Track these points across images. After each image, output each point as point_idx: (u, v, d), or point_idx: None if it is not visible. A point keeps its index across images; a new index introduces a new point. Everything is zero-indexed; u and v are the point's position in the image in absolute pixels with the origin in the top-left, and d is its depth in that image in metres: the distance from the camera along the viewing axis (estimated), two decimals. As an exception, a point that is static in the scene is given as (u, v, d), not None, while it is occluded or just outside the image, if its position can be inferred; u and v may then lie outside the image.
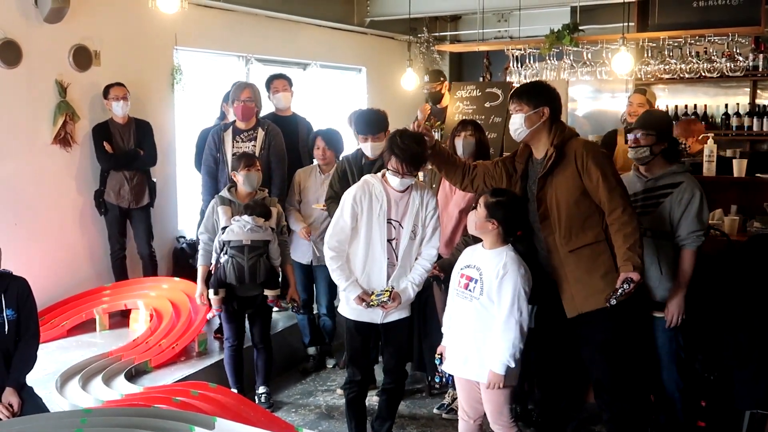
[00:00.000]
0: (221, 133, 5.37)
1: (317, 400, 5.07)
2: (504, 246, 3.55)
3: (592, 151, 3.58)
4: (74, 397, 4.21)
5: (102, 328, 5.61)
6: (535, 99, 3.59)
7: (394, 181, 3.76)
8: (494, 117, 6.04)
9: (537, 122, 3.58)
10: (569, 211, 3.55)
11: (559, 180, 3.57)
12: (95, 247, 6.16)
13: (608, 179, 3.50)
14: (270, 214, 4.55)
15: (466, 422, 3.70)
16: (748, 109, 8.28)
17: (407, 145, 3.69)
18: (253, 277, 4.39)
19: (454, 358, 3.62)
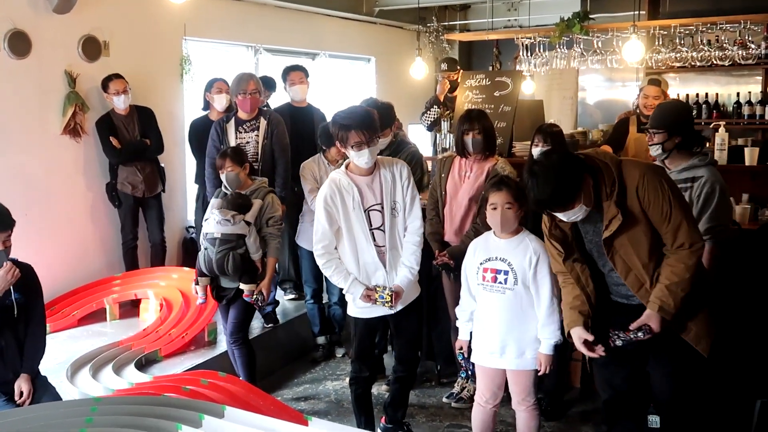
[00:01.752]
0: (224, 124, 5.35)
1: (327, 389, 5.07)
2: (522, 231, 3.56)
3: (652, 178, 2.98)
4: (85, 386, 4.23)
5: (112, 318, 5.63)
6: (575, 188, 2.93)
7: (362, 158, 3.67)
8: (503, 106, 6.00)
9: (591, 193, 2.98)
10: (653, 255, 3.03)
11: (631, 232, 3.01)
12: (106, 237, 6.18)
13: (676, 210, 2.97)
14: (248, 208, 4.42)
15: (483, 407, 3.71)
16: (760, 97, 8.22)
17: (352, 111, 3.69)
18: (221, 270, 4.34)
19: (486, 350, 3.63)
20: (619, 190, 2.96)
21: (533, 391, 3.64)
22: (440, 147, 6.13)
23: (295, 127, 5.66)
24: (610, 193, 2.96)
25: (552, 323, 3.49)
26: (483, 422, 3.72)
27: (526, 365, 3.56)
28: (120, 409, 3.44)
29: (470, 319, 3.71)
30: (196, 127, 6.05)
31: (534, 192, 2.94)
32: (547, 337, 3.50)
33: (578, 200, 2.93)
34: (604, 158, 3.04)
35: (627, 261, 3.03)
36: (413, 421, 4.49)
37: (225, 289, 4.52)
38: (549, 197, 2.92)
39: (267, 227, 4.52)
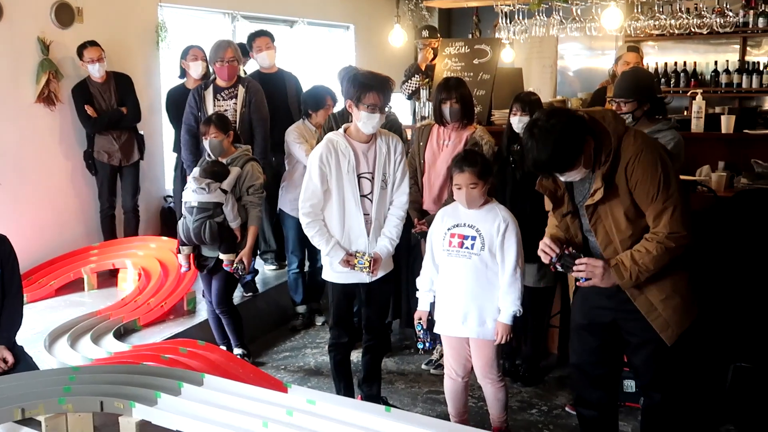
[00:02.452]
0: (202, 92, 5.31)
1: (306, 357, 5.10)
2: (490, 202, 3.58)
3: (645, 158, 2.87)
4: (63, 356, 4.22)
5: (90, 288, 5.61)
6: (576, 151, 2.83)
7: (371, 121, 3.64)
8: (483, 74, 5.98)
9: (591, 156, 2.88)
10: (635, 235, 2.95)
11: (613, 206, 2.94)
12: (83, 207, 6.13)
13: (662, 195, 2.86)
14: (225, 176, 4.40)
15: (454, 380, 3.73)
16: (738, 66, 8.27)
17: (374, 75, 3.66)
18: (198, 238, 4.34)
19: (448, 319, 3.64)
20: (612, 163, 2.87)
21: (497, 364, 3.65)
22: (419, 115, 6.11)
23: (266, 95, 5.60)
24: (603, 163, 2.88)
25: (513, 292, 3.51)
26: (455, 394, 3.75)
27: (487, 335, 3.57)
28: (98, 378, 3.45)
29: (431, 289, 3.71)
30: (173, 95, 5.99)
31: (532, 154, 2.83)
32: (507, 306, 3.51)
33: (578, 164, 2.85)
34: (609, 125, 2.91)
35: (608, 232, 2.98)
36: (392, 387, 4.53)
37: (206, 258, 4.52)
38: (547, 160, 2.82)
39: (247, 195, 4.51)
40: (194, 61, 5.82)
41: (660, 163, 2.87)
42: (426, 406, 4.32)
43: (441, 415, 4.02)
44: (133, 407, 3.14)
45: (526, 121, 4.35)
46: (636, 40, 8.17)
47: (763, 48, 8.51)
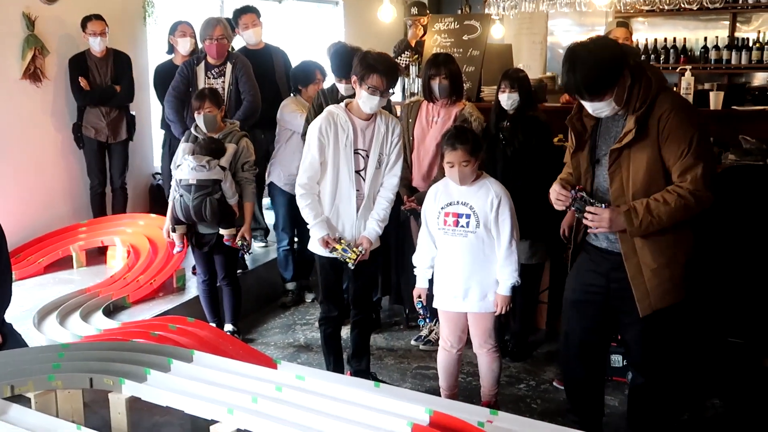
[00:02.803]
0: (194, 66, 5.29)
1: (296, 333, 5.12)
2: (482, 176, 3.58)
3: (680, 114, 2.86)
4: (52, 333, 4.22)
5: (79, 265, 5.59)
6: (612, 76, 2.82)
7: (371, 102, 3.63)
8: (472, 50, 5.96)
9: (624, 93, 2.87)
10: (648, 191, 2.91)
11: (637, 154, 2.91)
12: (72, 184, 6.09)
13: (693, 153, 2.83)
14: (222, 153, 4.41)
15: (449, 352, 3.76)
16: (727, 42, 8.26)
17: (384, 58, 3.63)
18: (199, 216, 4.34)
19: (449, 295, 3.66)
20: (645, 110, 2.86)
21: (494, 334, 3.70)
22: (408, 92, 6.09)
23: (254, 71, 5.58)
24: (638, 108, 2.87)
25: (510, 264, 3.54)
26: (449, 366, 3.78)
27: (488, 308, 3.62)
28: (88, 355, 3.45)
29: (430, 266, 3.73)
30: (161, 71, 5.95)
31: (569, 72, 2.82)
32: (505, 278, 3.55)
33: (610, 93, 2.83)
34: (654, 75, 2.92)
35: (624, 183, 2.95)
36: (381, 363, 4.55)
37: (204, 236, 4.53)
38: (583, 79, 2.80)
39: (242, 172, 4.52)
40: (182, 38, 5.77)
41: (695, 121, 2.88)
42: (415, 381, 4.35)
43: (430, 391, 4.05)
44: (122, 384, 3.16)
45: (514, 98, 4.36)
46: (626, 16, 8.16)
47: (752, 24, 8.51)
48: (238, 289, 4.79)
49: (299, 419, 2.87)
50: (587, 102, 2.89)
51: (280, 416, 2.91)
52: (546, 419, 3.66)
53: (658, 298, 3.00)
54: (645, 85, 2.87)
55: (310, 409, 2.94)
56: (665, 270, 2.98)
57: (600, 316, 3.19)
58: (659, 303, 3.01)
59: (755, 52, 8.04)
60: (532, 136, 4.37)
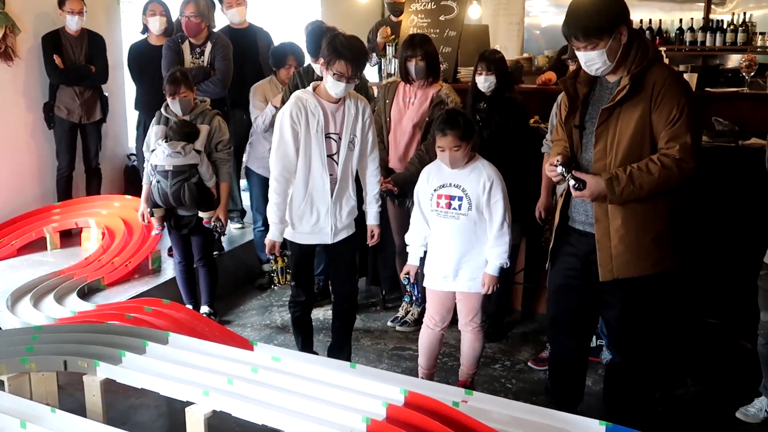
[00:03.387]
0: (179, 45, 5.28)
1: (273, 315, 5.12)
2: (474, 158, 3.59)
3: (674, 84, 2.89)
4: (25, 316, 4.18)
5: (53, 247, 5.54)
6: (608, 24, 2.83)
7: (336, 88, 3.57)
8: (449, 31, 5.94)
9: (618, 49, 2.88)
10: (630, 156, 2.92)
11: (626, 115, 2.92)
12: (44, 165, 6.00)
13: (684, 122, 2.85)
14: (196, 136, 4.38)
15: (432, 330, 3.77)
16: (702, 24, 8.30)
17: (352, 44, 3.55)
18: (178, 201, 4.33)
19: (438, 274, 3.67)
20: (641, 72, 2.87)
21: (480, 313, 3.72)
22: (385, 72, 6.07)
23: (237, 51, 5.55)
24: (632, 71, 2.88)
25: (501, 245, 3.55)
26: (430, 344, 3.79)
27: (477, 288, 3.64)
28: (62, 337, 3.44)
29: (422, 245, 3.73)
30: (135, 51, 5.88)
31: (569, 14, 2.87)
32: (494, 258, 3.57)
33: (604, 41, 2.82)
34: (651, 44, 2.93)
35: (608, 144, 2.95)
36: (358, 344, 4.57)
37: (183, 218, 4.51)
38: (579, 20, 2.83)
39: (216, 152, 4.50)
40: (153, 17, 5.69)
41: (688, 93, 2.91)
42: (391, 362, 4.37)
43: (406, 371, 4.08)
44: (97, 366, 3.15)
45: (491, 80, 4.37)
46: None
47: (727, 6, 8.56)
48: (214, 271, 4.78)
49: (275, 400, 2.89)
50: (582, 51, 2.88)
51: (255, 397, 2.92)
52: (521, 399, 3.71)
53: (621, 267, 3.02)
54: (642, 49, 2.90)
55: (286, 390, 2.96)
56: (633, 239, 2.99)
57: (582, 298, 3.23)
58: (621, 271, 3.02)
59: (729, 34, 8.09)
60: (509, 118, 4.38)
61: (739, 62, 5.21)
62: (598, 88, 3.05)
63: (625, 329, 3.20)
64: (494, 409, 2.97)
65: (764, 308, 3.47)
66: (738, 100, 4.94)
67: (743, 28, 8.02)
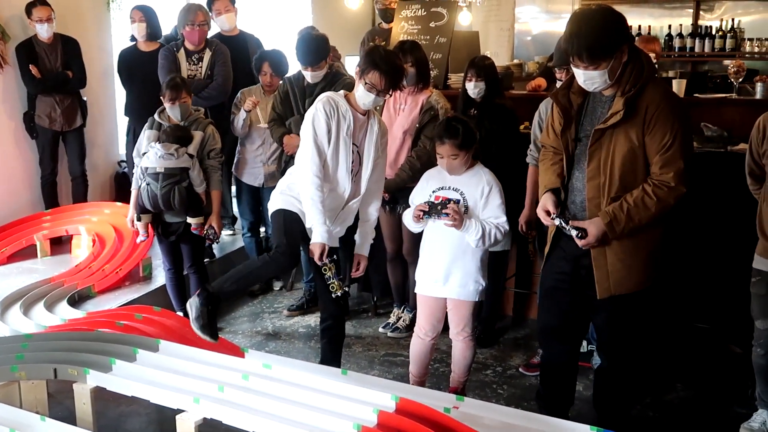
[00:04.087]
0: (175, 53, 5.29)
1: (264, 322, 5.11)
2: (475, 165, 3.60)
3: (668, 107, 2.86)
4: (15, 323, 4.15)
5: (43, 255, 5.52)
6: (613, 45, 2.79)
7: (366, 99, 3.45)
8: (439, 37, 5.96)
9: (618, 68, 2.85)
10: (624, 177, 2.92)
11: (619, 137, 2.90)
12: (33, 173, 5.97)
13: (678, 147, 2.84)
14: (189, 141, 4.39)
15: (423, 340, 3.75)
16: (691, 30, 8.36)
17: (391, 59, 3.47)
18: (167, 204, 4.31)
19: (429, 279, 3.65)
20: (635, 94, 2.85)
21: (471, 322, 3.71)
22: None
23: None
24: (627, 91, 2.85)
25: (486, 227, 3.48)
26: (421, 354, 3.77)
27: (468, 296, 3.62)
28: (52, 345, 3.43)
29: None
30: (124, 57, 5.88)
31: (573, 34, 2.81)
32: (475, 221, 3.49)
33: (607, 60, 2.80)
34: (647, 62, 2.90)
35: (602, 164, 2.94)
36: (350, 351, 4.56)
37: (171, 225, 4.50)
38: (584, 40, 2.77)
39: (209, 159, 4.51)
40: (133, 23, 5.70)
41: (682, 116, 2.89)
42: (383, 368, 4.37)
43: (398, 378, 4.08)
44: (87, 374, 3.14)
45: (480, 86, 4.38)
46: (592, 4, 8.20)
47: (715, 12, 8.62)
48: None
49: (266, 407, 2.88)
50: (582, 70, 2.85)
51: (246, 405, 2.92)
52: (512, 405, 3.71)
53: (618, 283, 3.04)
54: (638, 68, 2.87)
55: (277, 397, 2.96)
56: (629, 256, 3.02)
57: (572, 302, 3.24)
58: (618, 288, 3.05)
59: (718, 40, 8.15)
60: (499, 124, 4.40)
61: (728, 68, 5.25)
62: (591, 98, 3.04)
63: (614, 334, 3.22)
64: (486, 415, 2.97)
65: (759, 316, 3.45)
66: (726, 106, 4.97)
67: (732, 34, 8.09)
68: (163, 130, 4.41)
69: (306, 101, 4.67)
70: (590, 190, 2.99)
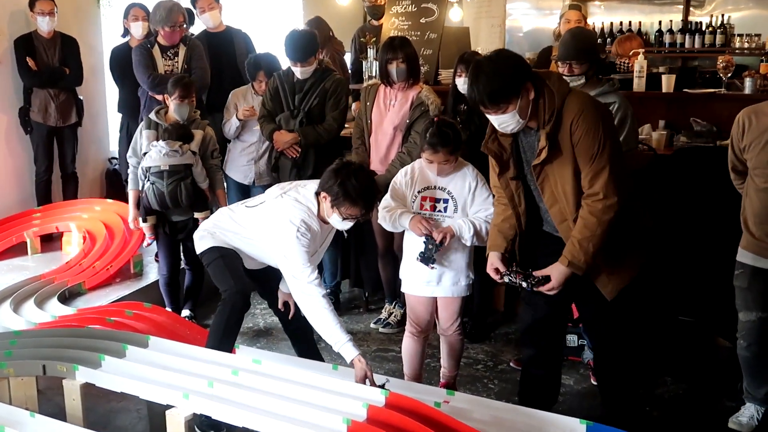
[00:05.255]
0: (149, 49, 5.25)
1: (255, 318, 5.11)
2: (464, 165, 3.59)
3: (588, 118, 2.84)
4: (5, 320, 4.14)
5: (34, 252, 5.51)
6: (513, 86, 2.80)
7: (344, 225, 3.42)
8: (429, 33, 5.97)
9: (528, 105, 2.85)
10: (578, 198, 2.93)
11: (558, 164, 2.92)
12: (23, 170, 5.96)
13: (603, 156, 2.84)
14: (191, 138, 4.43)
15: (416, 338, 3.72)
16: (681, 26, 8.38)
17: (365, 186, 3.29)
18: (175, 201, 4.33)
19: (422, 280, 3.61)
20: (555, 121, 2.85)
21: (460, 316, 3.71)
22: (367, 74, 6.08)
23: (214, 54, 5.55)
24: (547, 121, 2.85)
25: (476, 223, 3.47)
26: (415, 353, 3.75)
27: (460, 292, 3.62)
28: (41, 342, 3.43)
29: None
30: (117, 54, 5.87)
31: (472, 84, 2.84)
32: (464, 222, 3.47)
33: (512, 103, 2.80)
34: (554, 85, 2.89)
35: (555, 191, 2.96)
36: (341, 346, 4.56)
37: (177, 223, 4.49)
38: (482, 88, 2.79)
39: (211, 159, 4.57)
40: (135, 22, 5.69)
41: (602, 122, 2.87)
42: (375, 364, 4.36)
43: (389, 373, 4.07)
44: (76, 370, 3.13)
45: (472, 81, 4.38)
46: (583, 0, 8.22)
47: (705, 8, 8.64)
48: (201, 276, 4.76)
49: (256, 403, 2.89)
50: (492, 115, 2.88)
51: (236, 400, 2.92)
52: (503, 399, 3.72)
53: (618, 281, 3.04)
54: (549, 97, 2.85)
55: (267, 392, 2.96)
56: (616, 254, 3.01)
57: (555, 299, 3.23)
58: (620, 284, 3.05)
59: (708, 36, 8.16)
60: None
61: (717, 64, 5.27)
62: (522, 134, 3.01)
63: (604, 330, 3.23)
64: (476, 409, 2.98)
65: (743, 308, 3.49)
66: (716, 101, 5.00)
67: (721, 30, 8.10)
68: (165, 128, 4.44)
69: (296, 97, 4.68)
70: (555, 215, 3.02)
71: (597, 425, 2.81)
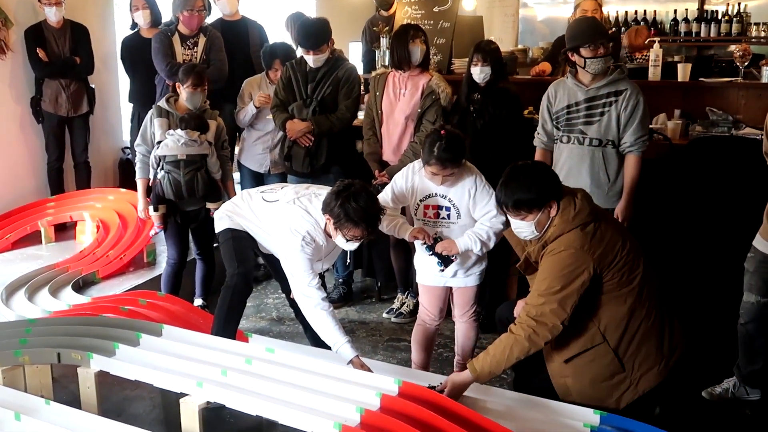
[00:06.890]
0: (170, 38, 5.26)
1: (268, 307, 5.12)
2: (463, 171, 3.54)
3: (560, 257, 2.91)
4: (20, 309, 4.16)
5: (48, 241, 5.53)
6: (538, 201, 2.94)
7: (350, 246, 3.40)
8: (443, 22, 5.93)
9: (547, 221, 2.97)
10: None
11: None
12: (37, 159, 5.98)
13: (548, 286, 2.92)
14: (207, 128, 4.43)
15: (427, 327, 3.74)
16: (697, 14, 8.30)
17: (367, 207, 3.25)
18: (191, 191, 4.33)
19: (433, 272, 3.61)
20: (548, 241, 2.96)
21: (475, 303, 3.71)
22: (379, 64, 6.06)
23: (228, 43, 5.54)
24: (549, 240, 2.96)
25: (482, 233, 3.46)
26: (426, 341, 3.76)
27: (474, 281, 3.63)
28: (56, 330, 3.44)
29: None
30: (128, 44, 5.87)
31: (501, 185, 3.00)
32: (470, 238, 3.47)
33: (533, 214, 2.94)
34: (570, 213, 2.94)
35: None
36: (354, 336, 4.56)
37: (190, 212, 4.50)
38: (512, 192, 2.94)
39: (222, 150, 4.58)
40: (137, 11, 5.70)
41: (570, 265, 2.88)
42: (387, 353, 4.37)
43: (401, 363, 4.08)
44: (90, 358, 3.15)
45: (486, 71, 4.35)
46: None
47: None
48: (212, 264, 4.76)
49: (269, 391, 2.89)
50: (511, 218, 3.03)
51: (249, 388, 2.92)
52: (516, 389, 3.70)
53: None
54: (561, 225, 2.93)
55: (280, 381, 2.96)
56: (589, 390, 3.02)
57: None
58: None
59: (724, 25, 8.08)
60: (503, 108, 4.38)
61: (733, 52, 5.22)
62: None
63: None
64: (489, 398, 2.98)
65: (748, 289, 3.57)
66: (732, 90, 4.95)
67: (738, 19, 8.02)
68: (182, 117, 4.42)
69: (309, 86, 4.66)
70: None
71: (611, 415, 2.80)
